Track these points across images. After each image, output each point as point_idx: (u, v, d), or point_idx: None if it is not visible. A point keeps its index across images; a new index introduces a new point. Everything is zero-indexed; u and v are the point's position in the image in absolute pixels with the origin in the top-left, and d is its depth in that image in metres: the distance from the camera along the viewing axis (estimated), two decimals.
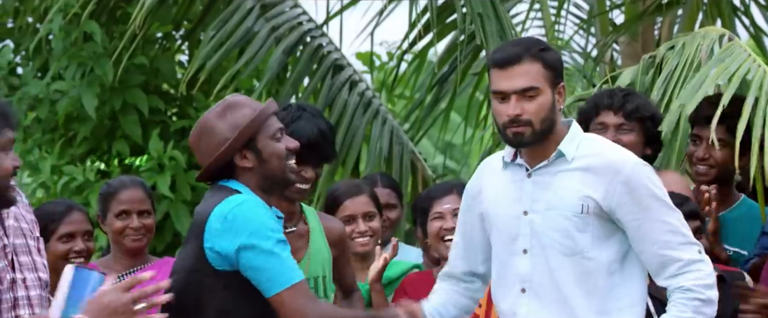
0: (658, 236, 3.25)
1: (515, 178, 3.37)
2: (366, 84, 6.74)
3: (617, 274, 3.29)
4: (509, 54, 3.32)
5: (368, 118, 6.54)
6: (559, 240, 3.28)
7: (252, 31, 6.38)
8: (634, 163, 3.31)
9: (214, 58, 6.26)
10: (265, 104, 3.28)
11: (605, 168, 3.28)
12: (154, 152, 6.61)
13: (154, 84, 6.91)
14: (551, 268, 3.29)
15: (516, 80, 3.29)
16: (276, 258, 3.16)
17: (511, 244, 3.34)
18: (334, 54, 6.63)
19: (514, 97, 3.29)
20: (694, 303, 3.24)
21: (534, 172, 3.34)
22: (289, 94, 6.59)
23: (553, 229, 3.28)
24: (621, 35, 6.47)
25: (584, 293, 3.28)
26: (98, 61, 6.56)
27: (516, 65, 3.30)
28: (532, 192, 3.33)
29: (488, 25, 5.92)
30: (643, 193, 3.26)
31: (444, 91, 6.68)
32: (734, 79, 4.35)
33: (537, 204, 3.31)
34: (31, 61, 6.88)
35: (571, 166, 3.31)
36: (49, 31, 6.64)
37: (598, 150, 3.33)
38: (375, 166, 6.47)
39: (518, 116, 3.28)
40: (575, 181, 3.29)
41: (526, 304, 3.32)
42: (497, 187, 3.40)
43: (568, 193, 3.29)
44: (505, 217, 3.36)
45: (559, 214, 3.28)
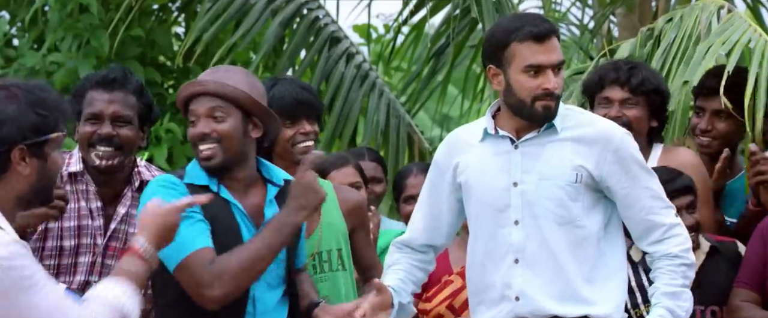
0: (644, 202, 3.34)
1: (499, 150, 3.35)
2: (363, 56, 6.70)
3: (603, 241, 3.35)
4: (546, 29, 3.35)
5: (365, 91, 6.50)
6: (553, 209, 3.29)
7: (248, 3, 6.34)
8: (623, 133, 3.37)
9: (211, 31, 6.22)
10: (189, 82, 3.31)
11: (596, 138, 3.33)
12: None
13: (151, 56, 6.86)
14: (545, 237, 3.30)
15: (553, 54, 3.32)
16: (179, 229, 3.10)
17: (500, 215, 3.33)
18: (330, 26, 6.58)
19: (550, 71, 3.31)
20: (681, 269, 3.35)
21: (521, 143, 3.34)
22: (286, 67, 6.55)
23: (547, 198, 3.30)
24: (618, 7, 6.41)
25: (576, 261, 3.31)
26: (94, 32, 6.50)
27: (553, 39, 3.33)
28: (522, 163, 3.33)
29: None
30: (631, 162, 3.34)
31: (441, 64, 6.63)
32: (736, 50, 4.30)
33: (527, 175, 3.32)
34: (27, 32, 6.83)
35: (560, 136, 3.33)
36: (45, 2, 6.58)
37: (586, 120, 3.38)
38: (372, 139, 6.43)
39: (554, 90, 3.32)
40: (567, 151, 3.32)
41: (520, 275, 3.32)
42: (478, 160, 3.39)
43: (561, 163, 3.31)
44: (491, 189, 3.34)
45: (553, 183, 3.30)
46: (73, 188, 3.56)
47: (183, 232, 3.06)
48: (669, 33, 4.65)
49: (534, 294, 3.30)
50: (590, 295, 3.31)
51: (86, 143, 3.54)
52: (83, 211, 3.55)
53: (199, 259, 3.15)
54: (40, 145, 2.71)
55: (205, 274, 3.13)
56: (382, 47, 7.80)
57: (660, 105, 4.14)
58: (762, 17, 6.61)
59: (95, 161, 3.54)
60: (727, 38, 4.41)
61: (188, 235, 3.14)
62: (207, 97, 3.26)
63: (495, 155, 3.35)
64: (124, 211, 3.59)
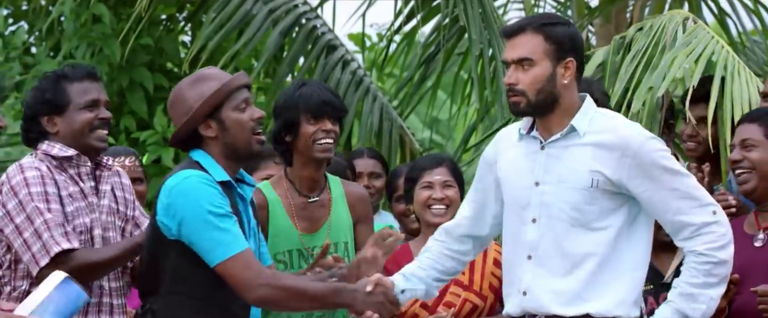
0: (670, 204, 3.22)
1: (529, 150, 3.32)
2: (357, 63, 6.78)
3: (624, 240, 3.26)
4: (513, 25, 3.29)
5: (360, 96, 6.57)
6: (568, 211, 3.23)
7: (250, 13, 6.41)
8: (644, 138, 3.25)
9: (215, 39, 6.30)
10: (232, 76, 3.27)
11: (615, 144, 3.23)
12: (159, 127, 6.67)
13: (159, 63, 6.95)
14: (557, 237, 3.25)
15: (514, 50, 3.26)
16: (215, 230, 3.14)
17: (522, 213, 3.30)
18: (327, 35, 6.66)
19: (512, 67, 3.26)
20: (705, 267, 3.22)
21: (547, 144, 3.29)
22: (286, 73, 6.64)
23: (563, 200, 3.23)
24: (595, 17, 6.51)
25: (586, 262, 3.24)
26: (107, 41, 6.61)
27: (518, 36, 3.26)
28: (545, 164, 3.28)
29: (471, 8, 5.97)
30: (651, 166, 3.21)
31: (430, 70, 6.72)
32: (701, 60, 4.39)
33: (548, 176, 3.26)
34: (44, 41, 6.93)
35: (582, 140, 3.26)
36: (61, 13, 6.69)
37: (610, 126, 3.27)
38: (366, 141, 6.52)
39: (513, 85, 3.25)
40: (587, 155, 3.24)
41: (530, 271, 3.28)
42: (512, 158, 3.35)
43: (579, 167, 3.24)
44: (517, 187, 3.32)
45: (569, 186, 3.23)
46: (66, 174, 3.53)
47: (223, 233, 3.11)
48: (639, 41, 4.68)
49: (539, 291, 3.26)
50: (593, 295, 3.23)
51: (87, 128, 3.54)
52: (88, 191, 3.56)
53: (246, 258, 3.15)
54: None
55: (255, 272, 3.14)
56: (376, 55, 7.89)
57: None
58: (729, 28, 6.70)
59: (98, 144, 3.56)
60: (692, 49, 4.44)
61: (228, 236, 3.14)
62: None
63: (525, 155, 3.31)
64: (109, 188, 3.61)
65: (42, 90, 3.56)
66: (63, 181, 3.51)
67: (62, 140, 3.56)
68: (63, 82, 3.55)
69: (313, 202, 3.77)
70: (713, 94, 4.21)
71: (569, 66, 3.27)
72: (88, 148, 3.57)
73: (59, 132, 3.55)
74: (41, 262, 3.39)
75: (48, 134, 3.56)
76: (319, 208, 3.82)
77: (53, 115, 3.55)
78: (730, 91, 4.26)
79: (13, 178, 3.47)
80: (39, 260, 3.40)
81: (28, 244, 3.40)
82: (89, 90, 3.55)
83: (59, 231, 3.41)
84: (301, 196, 3.82)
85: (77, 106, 3.54)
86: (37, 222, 3.40)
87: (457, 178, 4.15)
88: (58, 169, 3.52)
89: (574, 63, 3.27)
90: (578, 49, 3.30)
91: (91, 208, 3.54)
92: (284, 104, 3.78)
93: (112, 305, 3.56)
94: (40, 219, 3.41)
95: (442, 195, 4.05)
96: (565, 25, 3.31)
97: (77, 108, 3.54)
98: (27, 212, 3.42)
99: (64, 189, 3.50)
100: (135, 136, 6.79)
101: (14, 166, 3.51)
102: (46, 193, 3.44)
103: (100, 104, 3.57)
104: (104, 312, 3.53)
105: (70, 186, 3.51)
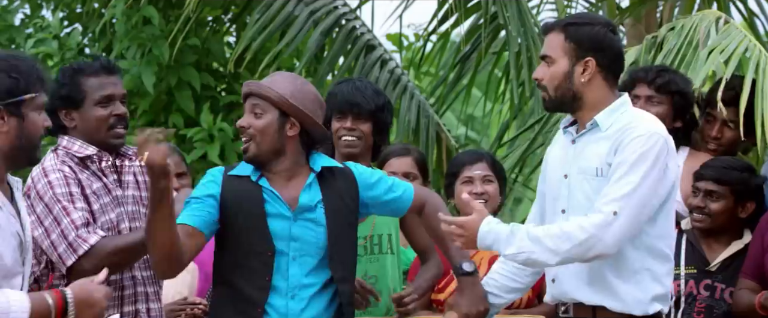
0: (605, 189, 3.20)
1: (565, 143, 3.38)
2: (395, 62, 6.80)
3: (648, 229, 3.25)
4: (546, 24, 3.37)
5: (397, 94, 6.59)
6: (583, 202, 3.28)
7: (293, 14, 6.46)
8: (645, 131, 3.22)
9: (259, 40, 6.35)
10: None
11: (620, 133, 3.25)
12: (205, 124, 6.72)
13: (206, 63, 7.01)
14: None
15: (543, 48, 3.35)
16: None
17: (554, 204, 3.35)
18: (366, 35, 6.69)
19: (540, 63, 3.35)
20: (569, 229, 3.15)
21: (577, 138, 3.35)
22: (326, 72, 6.68)
23: (580, 190, 3.29)
24: (626, 17, 6.48)
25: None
26: (156, 42, 6.66)
27: (547, 34, 3.34)
28: (573, 157, 3.34)
29: (509, 7, 5.96)
30: (623, 154, 3.20)
31: (466, 69, 6.72)
32: (733, 58, 4.36)
33: (572, 168, 3.32)
34: (97, 42, 6.99)
35: (603, 134, 3.30)
36: (113, 15, 6.75)
37: (628, 120, 3.28)
38: (404, 137, 6.54)
39: (538, 80, 3.33)
40: (602, 147, 3.28)
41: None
42: (554, 152, 3.43)
43: (592, 158, 3.29)
44: (552, 179, 3.37)
45: (583, 177, 3.29)
46: (89, 171, 3.47)
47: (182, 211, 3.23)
48: (670, 40, 4.68)
49: (565, 278, 3.29)
50: (614, 286, 3.24)
51: (103, 126, 3.45)
52: (111, 186, 3.50)
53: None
54: (16, 105, 2.77)
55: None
56: (413, 54, 7.92)
57: (683, 107, 4.12)
58: (757, 28, 6.64)
59: (115, 141, 3.48)
60: (725, 47, 4.42)
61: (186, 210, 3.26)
62: (252, 97, 3.35)
63: (561, 148, 3.38)
64: (132, 177, 3.55)
65: (59, 83, 3.45)
66: (86, 178, 3.45)
67: (81, 135, 3.48)
68: (79, 75, 3.44)
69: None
70: (746, 90, 4.16)
71: (588, 65, 3.28)
72: (106, 146, 3.49)
73: (77, 126, 3.47)
74: (68, 261, 3.37)
75: (67, 128, 3.48)
76: None
77: (70, 109, 3.46)
78: (760, 88, 4.21)
79: (39, 182, 3.42)
80: (65, 260, 3.37)
81: (55, 245, 3.37)
82: (105, 85, 3.44)
83: (85, 229, 3.37)
84: None
85: (92, 101, 3.44)
86: (64, 222, 3.37)
87: (497, 174, 4.13)
88: (79, 166, 3.46)
89: (593, 62, 3.28)
90: (603, 49, 3.29)
91: (116, 202, 3.49)
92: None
93: (147, 293, 3.54)
94: (66, 219, 3.37)
95: (481, 189, 4.05)
96: (593, 25, 3.31)
97: (92, 103, 3.44)
98: (53, 214, 3.38)
99: (88, 187, 3.43)
100: (182, 133, 6.84)
101: (38, 171, 3.44)
102: (71, 193, 3.40)
103: (115, 99, 3.46)
104: (140, 301, 3.52)
105: (93, 183, 3.45)
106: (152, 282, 3.57)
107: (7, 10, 7.13)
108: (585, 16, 3.62)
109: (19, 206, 2.91)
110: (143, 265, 3.54)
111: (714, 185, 3.88)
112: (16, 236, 2.84)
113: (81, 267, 3.34)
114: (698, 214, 3.90)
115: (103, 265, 3.27)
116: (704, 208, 3.89)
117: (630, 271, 3.25)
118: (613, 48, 3.32)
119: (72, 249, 3.37)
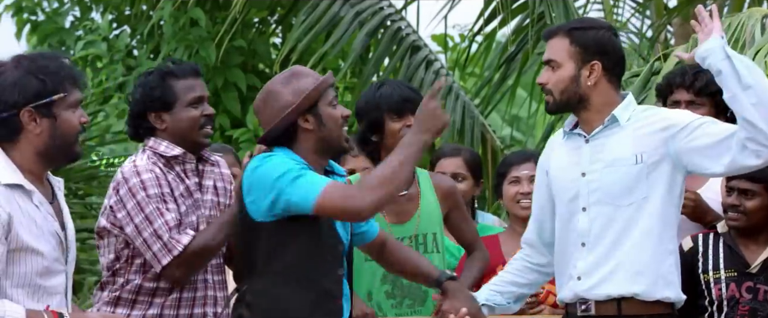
0: (713, 140, 3.33)
1: (574, 145, 3.40)
2: (440, 63, 6.81)
3: (664, 210, 3.32)
4: (549, 29, 3.42)
5: (442, 94, 6.59)
6: (615, 190, 3.30)
7: (338, 15, 6.48)
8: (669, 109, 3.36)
9: (305, 41, 6.39)
10: (325, 75, 3.33)
11: (656, 124, 3.33)
12: (251, 125, 6.76)
13: (252, 64, 7.08)
14: (608, 221, 3.31)
15: (546, 52, 3.39)
16: (298, 179, 3.15)
17: (571, 204, 3.37)
18: (411, 36, 6.71)
19: (544, 67, 3.39)
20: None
21: (591, 138, 3.38)
22: (371, 73, 6.69)
23: (610, 181, 3.31)
24: (674, 17, 6.42)
25: (637, 241, 3.30)
26: (203, 43, 6.75)
27: (551, 39, 3.38)
28: (590, 155, 3.36)
29: (555, 7, 5.93)
30: (682, 117, 3.35)
31: (511, 70, 6.70)
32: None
33: (594, 165, 3.35)
34: (145, 44, 7.10)
35: (621, 128, 3.35)
36: (161, 17, 6.85)
37: (644, 109, 3.39)
38: (449, 138, 6.53)
39: (543, 85, 3.38)
40: (626, 139, 3.33)
41: (583, 257, 3.34)
42: (559, 156, 3.43)
43: (621, 149, 3.33)
44: (565, 180, 3.39)
45: (615, 168, 3.31)
46: (173, 172, 3.53)
47: (307, 178, 3.15)
48: None
49: (593, 273, 3.31)
50: (645, 275, 3.28)
51: (196, 125, 3.52)
52: (193, 188, 3.56)
53: (336, 185, 3.17)
54: (47, 106, 2.78)
55: (351, 189, 3.15)
56: (458, 55, 7.91)
57: (726, 106, 4.08)
58: None
59: (204, 140, 3.55)
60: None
61: (312, 178, 3.17)
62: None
63: (570, 150, 3.39)
64: (211, 183, 3.61)
65: (150, 86, 3.55)
66: (173, 179, 3.52)
67: (169, 136, 3.55)
68: (170, 78, 3.54)
69: (402, 196, 3.77)
70: None
71: (594, 68, 3.34)
72: (195, 145, 3.55)
73: (167, 128, 3.54)
74: (163, 260, 3.45)
75: (155, 130, 3.56)
76: (408, 202, 3.83)
77: (161, 111, 3.54)
78: None
79: (131, 179, 3.47)
80: (161, 259, 3.45)
81: (149, 244, 3.44)
82: (194, 87, 3.55)
83: (177, 231, 3.45)
84: None
85: (184, 102, 3.53)
86: (158, 223, 3.44)
87: None
88: (166, 167, 3.53)
89: (599, 65, 3.34)
90: (608, 53, 3.36)
91: (196, 205, 3.56)
92: (367, 106, 3.82)
93: (216, 298, 3.59)
94: (160, 220, 3.44)
95: (529, 189, 4.04)
96: (597, 29, 3.38)
97: (184, 104, 3.53)
98: (145, 213, 3.44)
99: (176, 189, 3.51)
100: (229, 134, 6.89)
101: (129, 167, 3.50)
102: (163, 195, 3.47)
103: (204, 101, 3.57)
104: (209, 305, 3.57)
105: (179, 185, 3.53)
106: (222, 287, 3.63)
107: (58, 13, 7.25)
108: (587, 20, 3.65)
109: (61, 204, 2.94)
110: (215, 269, 3.59)
111: (748, 183, 3.81)
112: (55, 235, 2.86)
113: (172, 270, 3.43)
114: (734, 213, 3.83)
115: (197, 263, 3.37)
116: (739, 206, 3.82)
117: (663, 255, 3.30)
118: (617, 51, 3.39)
119: (167, 249, 3.43)
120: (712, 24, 3.36)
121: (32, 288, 2.78)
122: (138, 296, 3.49)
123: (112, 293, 3.51)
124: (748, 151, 3.25)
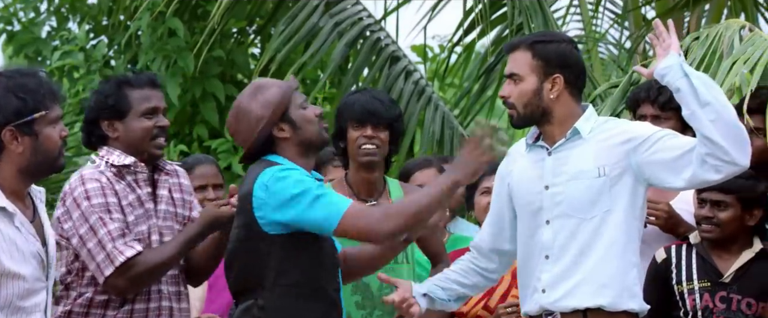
0: (674, 153, 3.32)
1: (537, 158, 3.39)
2: (420, 74, 6.80)
3: (628, 222, 3.34)
4: (510, 43, 3.43)
5: (422, 105, 6.59)
6: (581, 203, 3.31)
7: (317, 26, 6.47)
8: (626, 127, 3.38)
9: (283, 51, 6.37)
10: (288, 81, 3.34)
11: (617, 137, 3.35)
12: (230, 136, 6.70)
13: (230, 74, 7.05)
14: (572, 233, 3.32)
15: (508, 66, 3.39)
16: (321, 199, 3.18)
17: (535, 217, 3.36)
18: (391, 47, 6.70)
19: (506, 81, 3.39)
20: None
21: (553, 150, 3.37)
22: (350, 84, 6.67)
23: (573, 195, 3.32)
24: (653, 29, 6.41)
25: (601, 254, 3.31)
26: (181, 54, 6.73)
27: (512, 53, 3.38)
28: (553, 168, 3.36)
29: (535, 18, 5.93)
30: (644, 129, 3.35)
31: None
32: (758, 68, 4.30)
33: (558, 177, 3.35)
34: (123, 54, 7.07)
35: (584, 140, 3.36)
36: (138, 27, 6.82)
37: (604, 121, 3.40)
38: (428, 148, 6.52)
39: (505, 98, 3.37)
40: (588, 152, 3.34)
41: (548, 270, 3.34)
42: (521, 168, 3.43)
43: (583, 162, 3.34)
44: (528, 193, 3.39)
45: (578, 181, 3.32)
46: (124, 181, 3.51)
47: (328, 198, 3.17)
48: (696, 50, 4.63)
49: (558, 285, 3.32)
50: (610, 287, 3.29)
51: (147, 136, 3.50)
52: (144, 198, 3.53)
53: (357, 208, 3.21)
54: (28, 124, 2.79)
55: (374, 214, 3.19)
56: (437, 65, 7.91)
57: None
58: None
59: (156, 151, 3.53)
60: (749, 56, 4.39)
61: (331, 198, 3.21)
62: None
63: (533, 163, 3.39)
64: (166, 192, 3.58)
65: (105, 94, 3.52)
66: (122, 189, 3.49)
67: (121, 145, 3.53)
68: (125, 87, 3.52)
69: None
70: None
71: (556, 81, 3.35)
72: (147, 155, 3.55)
73: (119, 137, 3.52)
74: (106, 271, 3.40)
75: (107, 138, 3.53)
76: None
77: (114, 119, 3.51)
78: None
79: (75, 189, 3.45)
80: (104, 270, 3.40)
81: (93, 254, 3.40)
82: (150, 97, 3.53)
83: (122, 241, 3.41)
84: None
85: (137, 112, 3.51)
86: (101, 233, 3.40)
87: None
88: (116, 176, 3.50)
89: (561, 78, 3.35)
90: (570, 66, 3.37)
91: (148, 214, 3.51)
92: (337, 112, 3.88)
93: (172, 309, 3.54)
94: (103, 229, 3.40)
95: None
96: (558, 42, 3.40)
97: (137, 114, 3.51)
98: (90, 223, 3.41)
99: (124, 198, 3.48)
100: (207, 144, 6.85)
101: (76, 178, 3.47)
102: (108, 204, 3.43)
103: (159, 112, 3.55)
104: (164, 315, 3.51)
105: (129, 194, 3.50)
106: (179, 299, 3.58)
107: (34, 23, 7.19)
108: (549, 34, 3.68)
109: (42, 218, 2.90)
110: (170, 279, 3.56)
111: (720, 194, 3.81)
112: (37, 256, 2.84)
113: (114, 280, 3.39)
114: (707, 225, 3.84)
115: (141, 279, 3.32)
116: (713, 218, 3.83)
117: (628, 266, 3.31)
118: (579, 64, 3.41)
119: (109, 260, 3.40)
120: (669, 39, 3.36)
121: (11, 309, 2.76)
122: (90, 309, 3.44)
123: (64, 308, 3.45)
124: (708, 166, 3.25)
